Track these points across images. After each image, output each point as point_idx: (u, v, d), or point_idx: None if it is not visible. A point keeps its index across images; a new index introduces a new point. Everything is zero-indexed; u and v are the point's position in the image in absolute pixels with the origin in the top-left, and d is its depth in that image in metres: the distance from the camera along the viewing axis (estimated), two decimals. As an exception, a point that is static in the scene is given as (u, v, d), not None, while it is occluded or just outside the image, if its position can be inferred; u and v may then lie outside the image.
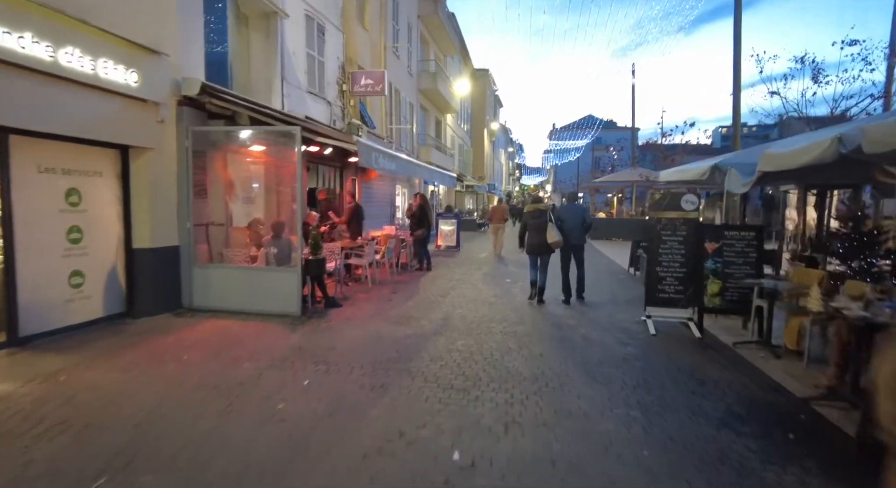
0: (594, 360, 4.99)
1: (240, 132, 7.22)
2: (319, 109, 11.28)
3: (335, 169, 12.15)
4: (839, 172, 7.09)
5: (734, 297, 6.13)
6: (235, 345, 5.34)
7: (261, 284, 6.78)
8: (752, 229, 6.25)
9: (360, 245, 9.53)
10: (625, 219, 24.54)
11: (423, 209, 11.14)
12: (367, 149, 6.58)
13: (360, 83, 12.62)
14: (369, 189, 13.63)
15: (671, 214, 6.43)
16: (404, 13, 17.93)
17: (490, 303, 7.81)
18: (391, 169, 7.49)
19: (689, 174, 8.12)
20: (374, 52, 14.66)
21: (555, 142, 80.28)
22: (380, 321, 6.49)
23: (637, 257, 11.31)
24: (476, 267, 12.25)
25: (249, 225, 8.20)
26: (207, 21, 7.67)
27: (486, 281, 10.05)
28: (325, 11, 11.34)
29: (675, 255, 6.44)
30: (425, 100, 22.16)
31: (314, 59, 11.03)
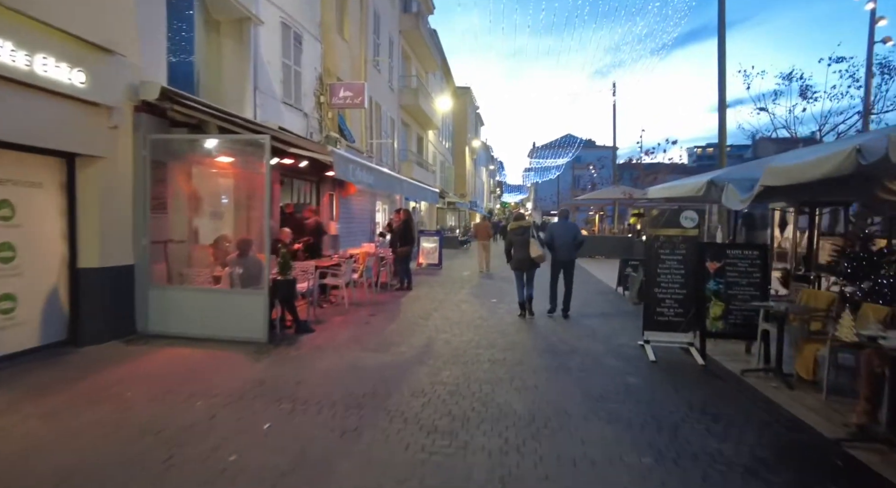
0: (594, 393, 4.49)
1: (204, 141, 6.64)
2: (295, 121, 10.76)
3: (311, 183, 11.59)
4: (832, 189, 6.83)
5: (738, 321, 5.72)
6: (190, 378, 4.69)
7: (224, 308, 6.15)
8: (755, 248, 5.88)
9: (336, 263, 8.94)
10: (607, 237, 24.39)
11: (408, 225, 10.62)
12: (344, 160, 6.07)
13: (338, 95, 12.16)
14: (348, 205, 13.08)
15: (670, 231, 6.03)
16: (385, 27, 17.64)
17: (476, 325, 7.28)
18: (369, 182, 6.99)
19: (682, 190, 7.79)
20: (354, 64, 14.25)
21: (535, 160, 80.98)
22: (356, 348, 5.89)
23: (626, 276, 10.94)
24: (459, 285, 11.72)
25: (215, 242, 7.56)
26: (172, 22, 7.14)
27: (471, 301, 9.53)
28: (302, 20, 10.90)
29: (675, 276, 6.02)
30: (407, 115, 21.82)
31: (290, 68, 10.54)
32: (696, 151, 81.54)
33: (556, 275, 8.21)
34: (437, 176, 29.36)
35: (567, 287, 8.15)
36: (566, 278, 8.15)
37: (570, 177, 63.99)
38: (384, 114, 17.47)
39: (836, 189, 7.65)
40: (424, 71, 25.36)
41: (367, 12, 15.13)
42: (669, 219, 6.04)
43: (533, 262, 7.86)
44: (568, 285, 8.15)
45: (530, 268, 7.95)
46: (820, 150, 4.80)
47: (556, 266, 8.17)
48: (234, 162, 7.71)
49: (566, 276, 8.15)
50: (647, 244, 6.13)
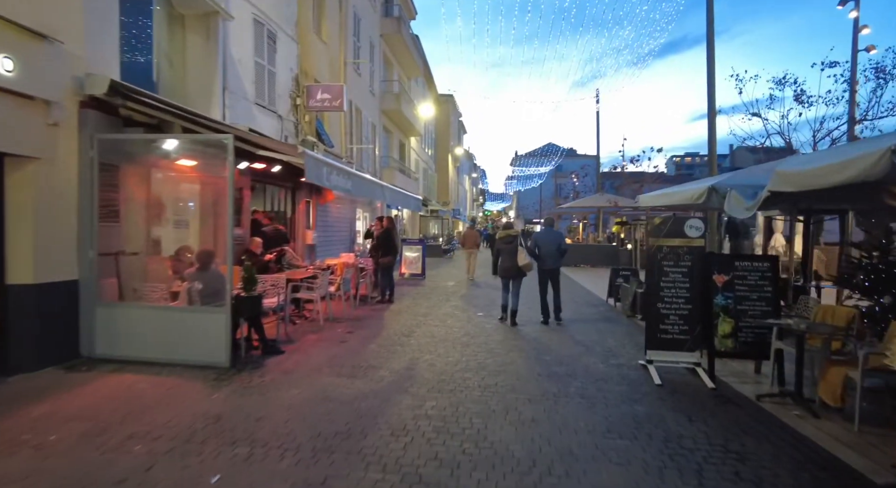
0: (600, 427, 3.94)
1: (160, 142, 5.98)
2: (269, 123, 10.12)
3: (286, 189, 10.94)
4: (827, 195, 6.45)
5: (749, 339, 5.25)
6: (133, 413, 4.02)
7: (181, 328, 5.47)
8: (766, 259, 5.44)
9: (311, 275, 8.30)
10: (592, 245, 24.06)
11: (390, 234, 10.03)
12: (316, 162, 5.48)
13: (316, 97, 11.55)
14: (326, 212, 12.43)
15: (673, 242, 5.56)
16: (366, 30, 17.12)
17: (463, 343, 6.70)
18: (347, 188, 6.40)
19: (679, 197, 7.37)
20: (333, 66, 13.68)
21: (517, 168, 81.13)
22: (329, 373, 5.27)
23: (616, 287, 10.50)
24: (444, 297, 11.14)
25: (176, 253, 6.88)
26: (128, 12, 6.48)
27: (457, 315, 8.95)
28: (276, 18, 10.30)
29: (679, 290, 5.54)
30: (388, 121, 21.27)
31: (263, 68, 9.92)
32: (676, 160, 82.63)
33: (545, 283, 8.36)
34: (420, 183, 28.82)
35: (555, 293, 8.34)
36: (553, 285, 8.33)
37: (552, 186, 64.12)
38: (365, 119, 16.89)
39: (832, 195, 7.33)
40: (406, 77, 24.88)
41: (346, 13, 14.59)
42: (673, 228, 5.57)
43: (520, 271, 7.99)
44: (556, 292, 8.35)
45: (517, 277, 8.10)
46: (839, 153, 4.38)
47: (543, 274, 8.35)
48: (197, 165, 7.05)
49: (553, 284, 8.33)
50: (650, 255, 5.65)
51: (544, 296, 8.34)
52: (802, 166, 4.68)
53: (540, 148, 79.05)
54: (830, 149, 5.55)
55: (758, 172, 6.54)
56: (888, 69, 10.69)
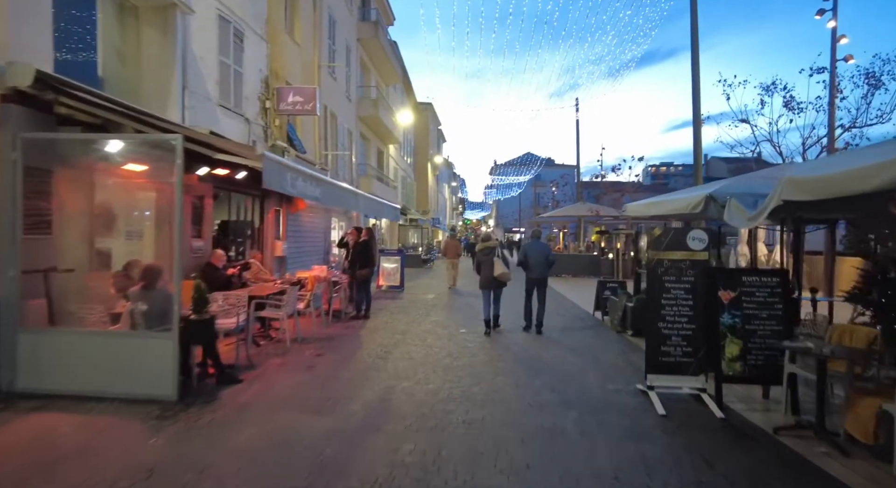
0: (607, 474, 3.38)
1: (102, 144, 5.27)
2: (234, 127, 9.42)
3: (254, 197, 10.22)
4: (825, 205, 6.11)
5: (759, 361, 4.78)
6: (49, 465, 3.31)
7: (121, 356, 4.75)
8: (775, 274, 4.99)
9: (279, 291, 7.60)
10: (574, 255, 23.75)
11: (368, 245, 9.38)
12: (278, 167, 4.84)
13: (286, 100, 10.90)
14: (297, 221, 11.72)
15: (675, 255, 5.07)
16: (342, 33, 16.54)
17: (445, 366, 6.10)
18: (314, 195, 5.78)
19: (673, 206, 6.94)
20: (307, 69, 13.04)
21: (496, 177, 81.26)
22: (292, 407, 4.60)
23: (604, 300, 10.04)
24: (424, 312, 10.53)
25: (124, 268, 6.13)
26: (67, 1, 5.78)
27: (437, 332, 8.34)
28: (244, 15, 9.65)
29: (682, 308, 5.05)
30: (366, 128, 20.66)
31: (229, 68, 9.24)
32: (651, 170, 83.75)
33: (530, 292, 8.60)
34: (399, 192, 28.21)
35: (540, 303, 8.49)
36: (539, 295, 8.50)
37: (531, 195, 64.19)
38: (340, 124, 16.26)
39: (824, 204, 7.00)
40: (385, 83, 24.34)
41: (320, 15, 14.00)
42: (674, 240, 5.10)
43: (498, 281, 8.22)
44: (541, 302, 8.49)
45: (497, 287, 8.32)
46: (860, 158, 3.97)
47: (530, 284, 8.55)
48: (150, 170, 6.32)
49: (539, 294, 8.50)
50: (649, 270, 5.16)
51: (529, 302, 8.62)
52: (818, 172, 4.27)
53: (519, 157, 79.35)
54: (841, 156, 5.16)
55: (756, 180, 6.16)
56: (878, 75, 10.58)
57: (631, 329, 8.38)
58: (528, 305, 8.59)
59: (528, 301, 8.61)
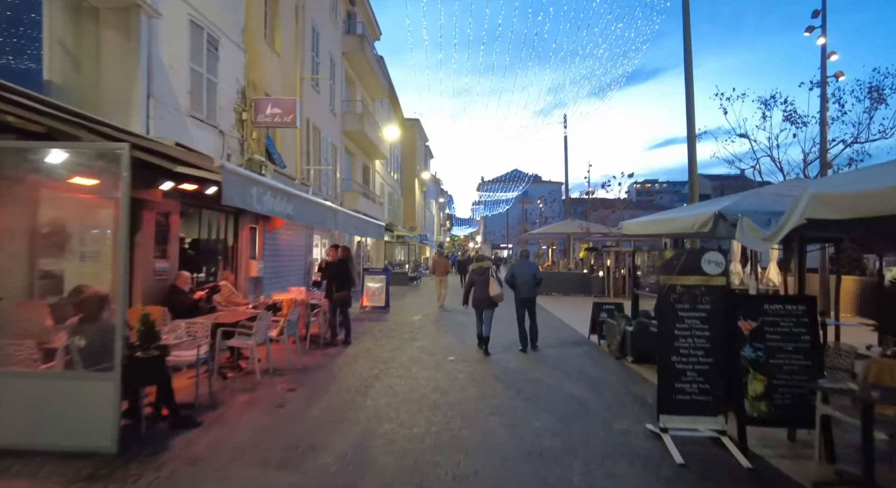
0: (628, 552, 2.78)
1: (37, 153, 4.63)
2: (207, 139, 8.82)
3: (227, 214, 9.57)
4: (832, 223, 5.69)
5: (786, 400, 4.24)
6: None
7: (53, 400, 4.06)
8: (800, 301, 4.48)
9: (250, 316, 6.93)
10: (563, 273, 23.27)
11: (345, 265, 8.75)
12: (239, 180, 4.24)
13: (265, 112, 10.34)
14: (275, 240, 11.07)
15: (689, 280, 4.55)
16: (326, 46, 16.10)
17: (432, 404, 5.47)
18: (286, 212, 5.18)
19: (676, 225, 6.48)
20: (288, 80, 12.53)
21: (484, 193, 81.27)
22: (252, 459, 3.94)
23: (600, 322, 9.49)
24: (410, 336, 9.88)
25: (70, 295, 5.46)
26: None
27: (424, 360, 7.71)
28: (219, 22, 9.13)
29: (698, 339, 4.51)
30: (351, 142, 20.15)
31: (202, 76, 8.67)
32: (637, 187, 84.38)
33: (521, 312, 8.63)
34: (385, 208, 27.66)
35: (532, 322, 8.61)
36: (530, 314, 8.59)
37: (519, 211, 64.08)
38: (324, 139, 15.72)
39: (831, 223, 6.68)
40: (371, 98, 23.95)
41: (303, 26, 13.55)
42: (687, 263, 4.57)
43: (492, 301, 8.26)
44: (533, 320, 8.61)
45: (489, 307, 8.36)
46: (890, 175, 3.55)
47: (520, 304, 8.61)
48: (101, 184, 5.68)
49: (530, 312, 8.60)
50: (661, 297, 4.62)
51: (522, 324, 8.61)
52: (844, 189, 3.81)
53: (506, 174, 79.56)
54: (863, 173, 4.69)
55: (767, 197, 5.71)
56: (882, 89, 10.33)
57: (631, 355, 7.83)
58: (522, 327, 8.60)
59: (521, 322, 8.61)
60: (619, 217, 22.39)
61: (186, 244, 9.05)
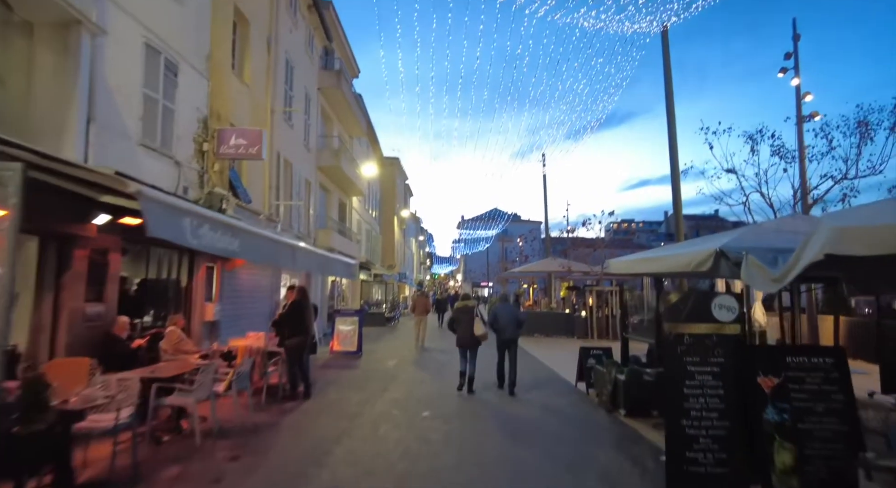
0: None
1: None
2: (160, 169, 8.08)
3: (181, 252, 8.73)
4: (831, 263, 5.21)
5: (822, 473, 3.55)
6: None
7: None
8: (826, 352, 3.86)
9: (192, 369, 6.02)
10: (546, 313, 22.57)
11: (300, 308, 7.89)
12: (165, 210, 3.50)
13: (228, 143, 9.69)
14: (234, 280, 10.19)
15: (698, 328, 3.91)
16: (301, 80, 15.71)
17: (399, 475, 4.61)
18: (230, 248, 4.42)
19: (671, 263, 5.91)
20: (257, 112, 11.96)
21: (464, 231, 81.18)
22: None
23: (588, 369, 8.76)
24: (381, 385, 8.97)
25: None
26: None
27: (395, 417, 6.83)
28: (179, 47, 8.56)
29: (711, 399, 3.83)
30: (326, 178, 19.56)
31: (157, 103, 8.02)
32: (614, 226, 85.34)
33: (503, 353, 8.67)
34: (363, 246, 26.88)
35: (512, 364, 8.53)
36: (511, 355, 8.57)
37: (498, 250, 63.83)
38: (296, 173, 15.08)
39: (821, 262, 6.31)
40: (349, 135, 23.58)
41: (276, 58, 13.13)
42: (695, 308, 3.95)
43: (476, 340, 8.32)
44: (513, 362, 8.55)
45: (473, 346, 8.39)
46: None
47: (501, 345, 8.66)
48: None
49: (511, 354, 8.58)
50: (666, 348, 3.96)
51: (502, 363, 8.68)
52: (873, 222, 3.30)
53: (486, 212, 79.77)
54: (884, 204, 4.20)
55: (767, 234, 5.21)
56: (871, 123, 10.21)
57: (624, 407, 7.09)
58: (501, 366, 8.69)
59: (501, 362, 8.71)
60: (601, 255, 22.04)
61: (134, 285, 8.18)
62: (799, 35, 15.22)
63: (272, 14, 12.95)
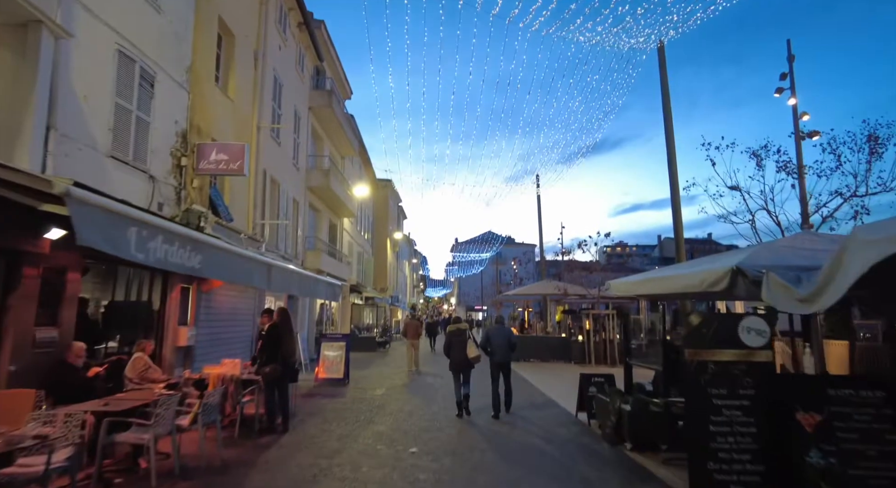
0: None
1: None
2: (132, 184, 7.57)
3: (153, 272, 8.15)
4: None
5: (878, 531, 2.98)
6: None
7: None
8: (876, 385, 3.33)
9: (151, 400, 5.39)
10: (541, 337, 21.89)
11: (277, 332, 7.27)
12: (103, 216, 2.93)
13: (209, 158, 9.22)
14: (211, 302, 9.57)
15: (723, 355, 3.38)
16: (290, 98, 15.39)
17: (377, 528, 3.98)
18: (189, 266, 3.87)
19: (680, 283, 5.42)
20: (242, 128, 11.54)
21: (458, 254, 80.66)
22: None
23: (589, 398, 8.16)
24: (367, 417, 8.31)
25: None
26: None
27: (379, 454, 6.19)
28: (156, 57, 8.16)
29: (741, 437, 3.28)
30: (316, 198, 19.09)
31: (130, 114, 7.55)
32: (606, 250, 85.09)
33: (496, 376, 8.63)
34: (354, 268, 26.27)
35: (507, 386, 8.64)
36: (505, 377, 8.63)
37: (493, 272, 63.27)
38: (284, 193, 14.60)
39: None
40: (340, 155, 23.24)
41: (263, 74, 12.79)
42: (720, 332, 3.43)
43: (469, 362, 8.39)
44: (507, 384, 8.65)
45: (466, 369, 8.46)
46: None
47: (495, 368, 8.65)
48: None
49: (505, 376, 8.63)
50: (688, 377, 3.42)
51: (496, 388, 8.56)
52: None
53: (479, 235, 79.42)
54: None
55: (783, 251, 4.72)
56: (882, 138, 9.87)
57: (630, 441, 6.48)
58: (496, 390, 8.57)
59: (495, 386, 8.60)
60: (597, 278, 21.56)
61: (99, 307, 7.57)
62: (794, 55, 15.13)
63: (260, 29, 12.67)
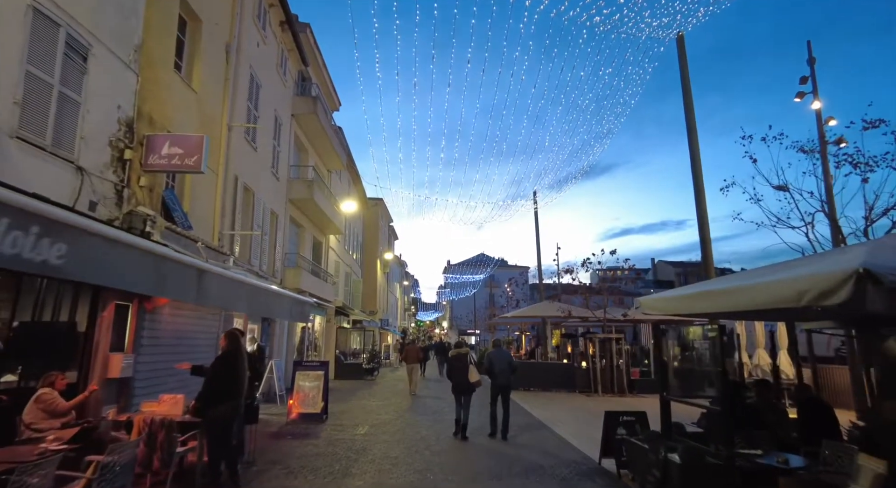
0: None
1: None
2: (51, 174, 6.08)
3: (78, 287, 6.59)
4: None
5: None
6: None
7: None
8: None
9: (34, 458, 3.79)
10: (542, 363, 20.25)
11: (227, 362, 5.68)
12: None
13: (160, 152, 7.77)
14: (158, 322, 7.92)
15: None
16: (269, 101, 14.07)
17: None
18: (39, 261, 2.40)
19: (753, 296, 4.08)
20: (208, 125, 10.13)
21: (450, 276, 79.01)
22: None
23: (618, 441, 6.61)
24: (343, 466, 6.69)
25: None
26: None
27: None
28: (91, 26, 6.78)
29: None
30: (299, 212, 17.63)
31: (50, 88, 6.12)
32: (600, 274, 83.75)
33: (495, 399, 8.78)
34: (341, 289, 24.65)
35: (505, 410, 8.69)
36: (504, 402, 8.72)
37: (486, 295, 61.58)
38: (260, 202, 13.13)
39: None
40: (326, 168, 21.88)
41: (236, 69, 11.46)
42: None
43: (471, 386, 8.56)
44: (506, 408, 8.70)
45: (467, 392, 8.64)
46: None
47: (495, 390, 8.80)
48: None
49: (504, 400, 8.72)
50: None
51: (494, 409, 8.78)
52: None
53: (472, 258, 77.95)
54: None
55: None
56: None
57: (683, 506, 4.95)
58: (494, 412, 8.80)
59: (494, 408, 8.81)
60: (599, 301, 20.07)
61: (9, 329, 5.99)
62: (814, 58, 14.16)
63: (233, 20, 11.39)
